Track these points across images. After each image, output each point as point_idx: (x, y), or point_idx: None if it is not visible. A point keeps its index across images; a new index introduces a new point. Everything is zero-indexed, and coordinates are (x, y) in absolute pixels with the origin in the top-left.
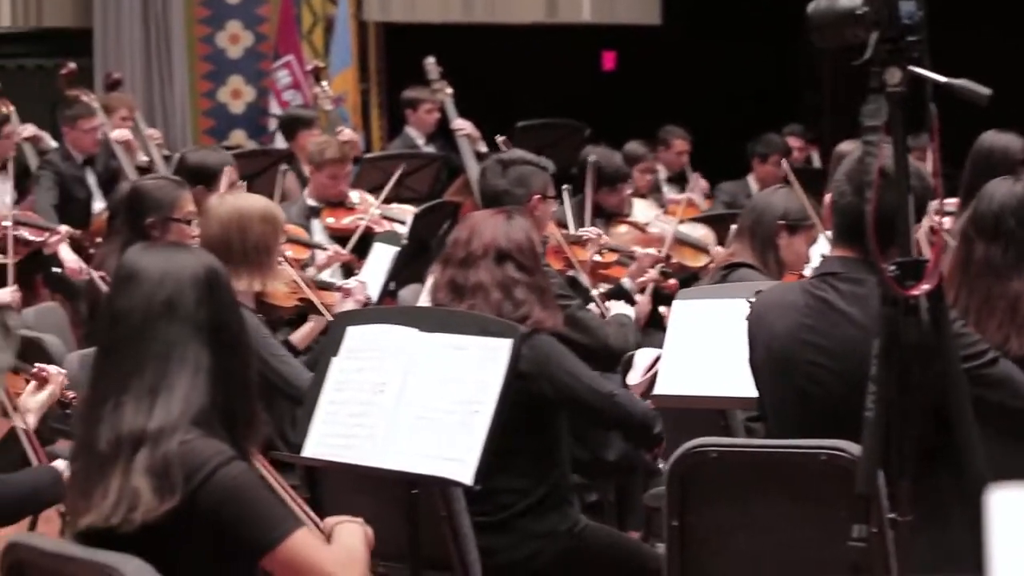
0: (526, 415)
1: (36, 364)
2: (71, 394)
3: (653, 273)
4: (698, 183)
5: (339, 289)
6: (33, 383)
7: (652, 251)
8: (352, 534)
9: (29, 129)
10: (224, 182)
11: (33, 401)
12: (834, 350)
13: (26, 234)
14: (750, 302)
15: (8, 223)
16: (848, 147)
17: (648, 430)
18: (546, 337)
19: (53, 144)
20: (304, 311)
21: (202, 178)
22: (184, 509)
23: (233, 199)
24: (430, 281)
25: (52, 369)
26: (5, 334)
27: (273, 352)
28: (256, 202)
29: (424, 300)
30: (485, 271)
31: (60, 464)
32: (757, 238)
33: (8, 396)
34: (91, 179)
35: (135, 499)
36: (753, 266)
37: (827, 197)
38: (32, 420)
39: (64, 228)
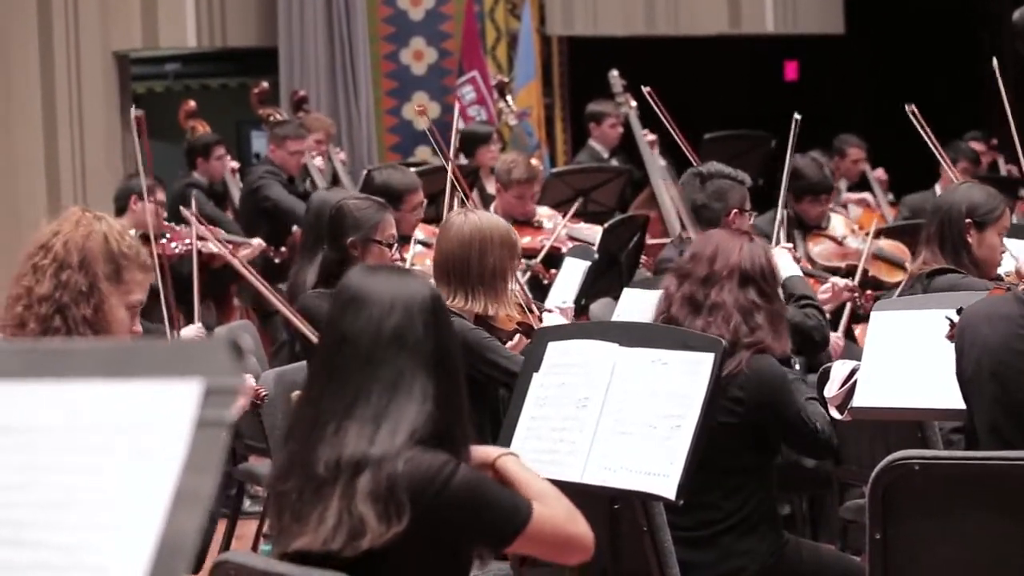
0: (741, 438)
1: None
2: (263, 392)
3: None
4: (874, 176)
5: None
6: None
7: (848, 282)
8: (535, 477)
9: (234, 165)
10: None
11: None
12: None
13: (216, 248)
14: (948, 318)
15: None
16: None
17: (829, 453)
18: (770, 362)
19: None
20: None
21: (388, 199)
22: (416, 527)
23: (477, 218)
24: (655, 294)
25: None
26: (238, 357)
27: (498, 352)
28: (499, 225)
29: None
30: (728, 292)
31: None
32: (947, 243)
33: None
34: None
35: (360, 527)
36: (955, 270)
37: None
38: None
39: (256, 241)
